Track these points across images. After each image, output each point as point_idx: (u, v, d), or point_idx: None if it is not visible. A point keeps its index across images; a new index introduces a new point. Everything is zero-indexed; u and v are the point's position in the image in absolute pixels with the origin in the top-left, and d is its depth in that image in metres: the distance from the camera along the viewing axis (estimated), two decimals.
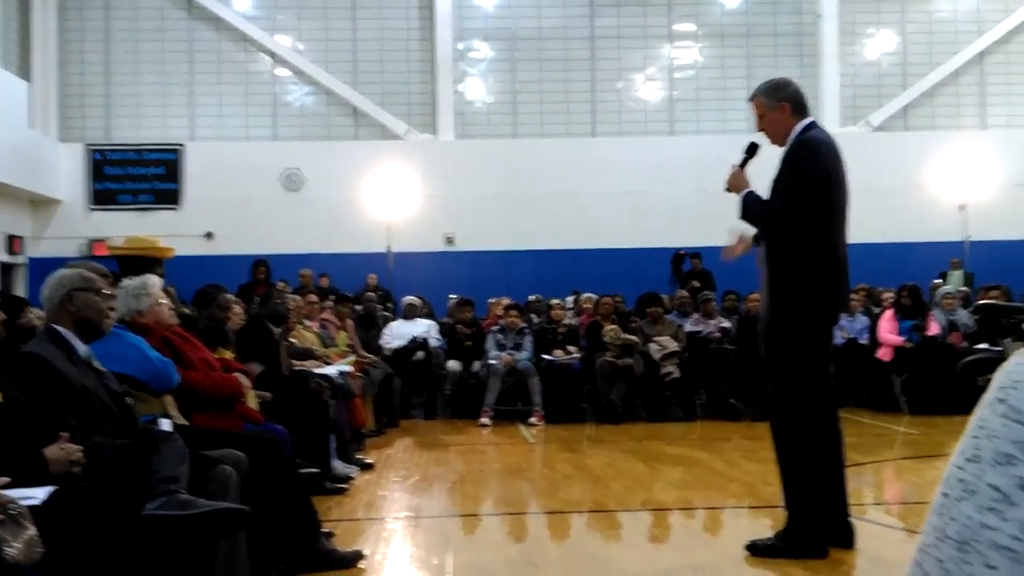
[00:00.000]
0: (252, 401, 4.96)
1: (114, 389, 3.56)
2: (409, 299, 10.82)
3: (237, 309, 6.18)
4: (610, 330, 9.69)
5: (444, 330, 10.46)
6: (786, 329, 4.16)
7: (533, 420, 9.23)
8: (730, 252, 4.49)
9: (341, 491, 5.82)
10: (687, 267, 13.82)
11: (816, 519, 4.11)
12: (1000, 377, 0.63)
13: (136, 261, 5.51)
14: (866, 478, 6.44)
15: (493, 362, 9.47)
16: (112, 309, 3.78)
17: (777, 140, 4.28)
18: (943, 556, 0.62)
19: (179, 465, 3.22)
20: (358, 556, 4.21)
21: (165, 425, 3.66)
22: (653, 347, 9.66)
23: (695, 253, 13.71)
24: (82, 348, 3.48)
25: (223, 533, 3.15)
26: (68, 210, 15.50)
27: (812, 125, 4.27)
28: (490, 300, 11.33)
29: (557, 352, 9.70)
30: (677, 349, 9.66)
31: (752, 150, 4.37)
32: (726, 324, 10.25)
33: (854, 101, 16.38)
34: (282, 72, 16.25)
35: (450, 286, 13.19)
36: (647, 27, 16.46)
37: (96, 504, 2.95)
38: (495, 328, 9.91)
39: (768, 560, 4.10)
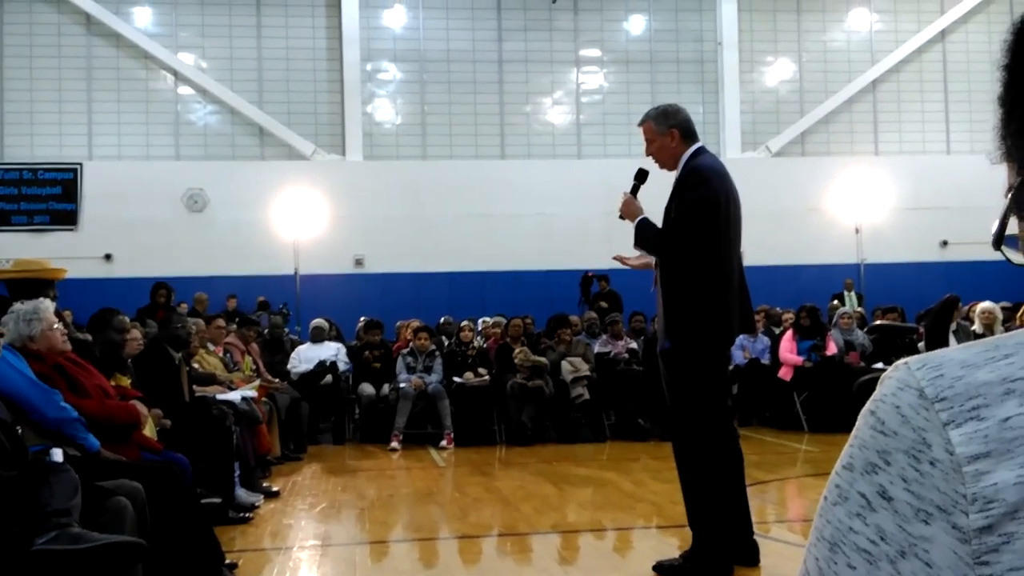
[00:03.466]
0: (150, 429, 4.80)
1: (2, 417, 3.40)
2: (317, 322, 10.66)
3: (135, 333, 5.99)
4: (520, 352, 9.72)
5: (352, 353, 10.32)
6: (682, 352, 4.22)
7: (443, 443, 9.18)
8: (626, 260, 4.48)
9: (245, 520, 5.68)
10: (595, 289, 13.97)
11: (720, 538, 4.17)
12: (876, 390, 0.68)
13: (26, 284, 5.29)
14: (769, 496, 6.57)
15: (403, 385, 9.39)
16: (0, 335, 3.63)
17: (665, 165, 4.35)
18: (819, 555, 0.68)
19: (71, 497, 3.11)
20: None
21: (56, 455, 3.52)
22: (566, 367, 9.72)
23: (603, 275, 13.87)
24: None
25: (118, 568, 3.04)
26: None
27: (701, 151, 4.33)
28: (399, 323, 11.24)
29: (467, 374, 9.68)
30: (588, 373, 9.73)
31: (642, 176, 4.42)
32: (633, 345, 10.40)
33: (753, 127, 16.87)
34: (185, 90, 15.91)
35: (360, 308, 13.05)
36: (554, 52, 16.68)
37: None
38: (405, 351, 9.83)
39: None
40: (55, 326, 4.34)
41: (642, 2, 16.88)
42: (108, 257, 14.95)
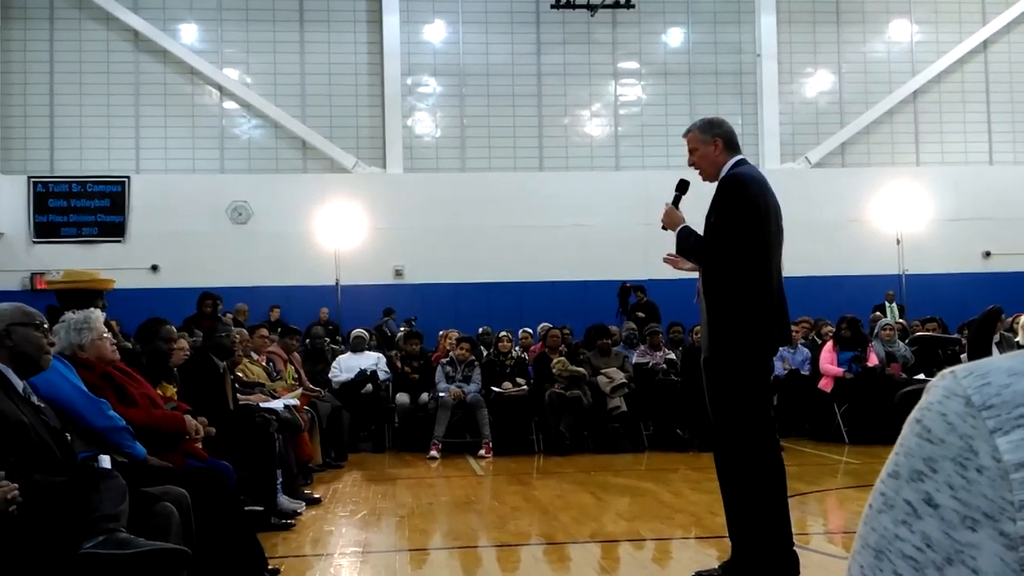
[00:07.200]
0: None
1: (53, 425, 3.50)
2: (357, 332, 10.77)
3: (183, 343, 6.10)
4: (558, 362, 9.74)
5: (392, 363, 10.42)
6: (725, 362, 4.22)
7: (482, 452, 9.22)
8: (675, 261, 4.50)
9: (287, 527, 5.75)
10: (632, 299, 13.96)
11: (761, 549, 4.16)
12: (922, 398, 0.68)
13: (76, 295, 5.42)
14: (810, 507, 6.53)
15: (442, 395, 9.45)
16: (52, 344, 3.73)
17: (707, 175, 4.38)
18: (863, 563, 0.67)
19: (119, 503, 3.18)
20: None
21: (105, 462, 3.61)
22: (602, 380, 9.72)
23: (640, 286, 13.86)
24: (19, 383, 3.42)
25: (163, 573, 3.10)
26: (10, 243, 15.21)
27: (742, 162, 4.36)
28: (440, 332, 11.33)
29: (506, 384, 9.72)
30: (624, 381, 9.73)
31: (683, 187, 4.47)
32: (672, 355, 10.37)
33: (793, 138, 16.77)
34: (230, 105, 16.18)
35: (399, 318, 13.18)
36: (592, 65, 16.73)
37: (33, 543, 2.90)
38: (444, 360, 9.89)
39: None
40: (105, 335, 4.45)
41: (681, 15, 16.88)
42: (155, 268, 15.23)
